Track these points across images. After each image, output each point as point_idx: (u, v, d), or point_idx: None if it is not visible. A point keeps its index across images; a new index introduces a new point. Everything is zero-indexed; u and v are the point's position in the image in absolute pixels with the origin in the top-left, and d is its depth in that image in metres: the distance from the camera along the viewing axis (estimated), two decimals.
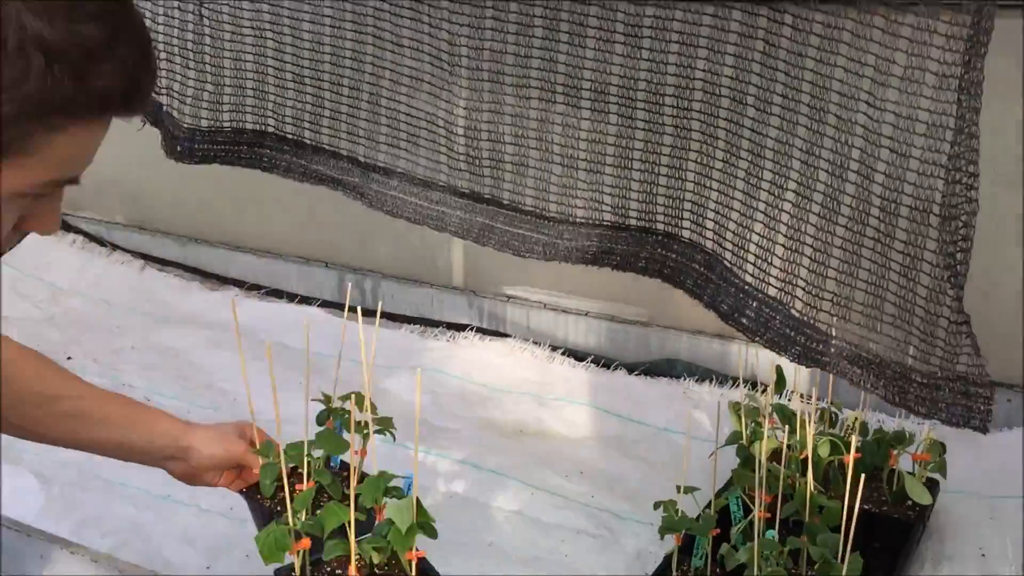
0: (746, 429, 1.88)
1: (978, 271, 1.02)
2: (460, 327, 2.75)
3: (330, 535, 1.21)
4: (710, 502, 1.76)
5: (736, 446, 1.86)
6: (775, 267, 1.02)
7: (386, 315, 2.77)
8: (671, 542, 1.71)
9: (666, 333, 2.51)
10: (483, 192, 1.18)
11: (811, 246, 0.99)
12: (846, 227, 0.96)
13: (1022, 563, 1.78)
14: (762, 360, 2.27)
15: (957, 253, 0.89)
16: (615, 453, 2.09)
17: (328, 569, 1.35)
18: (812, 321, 0.99)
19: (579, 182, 1.12)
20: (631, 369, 2.44)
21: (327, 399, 1.41)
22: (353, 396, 1.35)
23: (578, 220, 1.14)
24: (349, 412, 1.41)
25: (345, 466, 1.47)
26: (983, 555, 1.81)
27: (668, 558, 1.69)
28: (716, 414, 2.05)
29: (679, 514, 1.65)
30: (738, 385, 2.37)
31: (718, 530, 1.68)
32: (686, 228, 1.10)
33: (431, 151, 1.21)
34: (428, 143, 1.20)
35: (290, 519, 1.27)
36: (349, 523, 1.18)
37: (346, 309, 1.24)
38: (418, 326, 2.72)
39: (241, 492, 1.45)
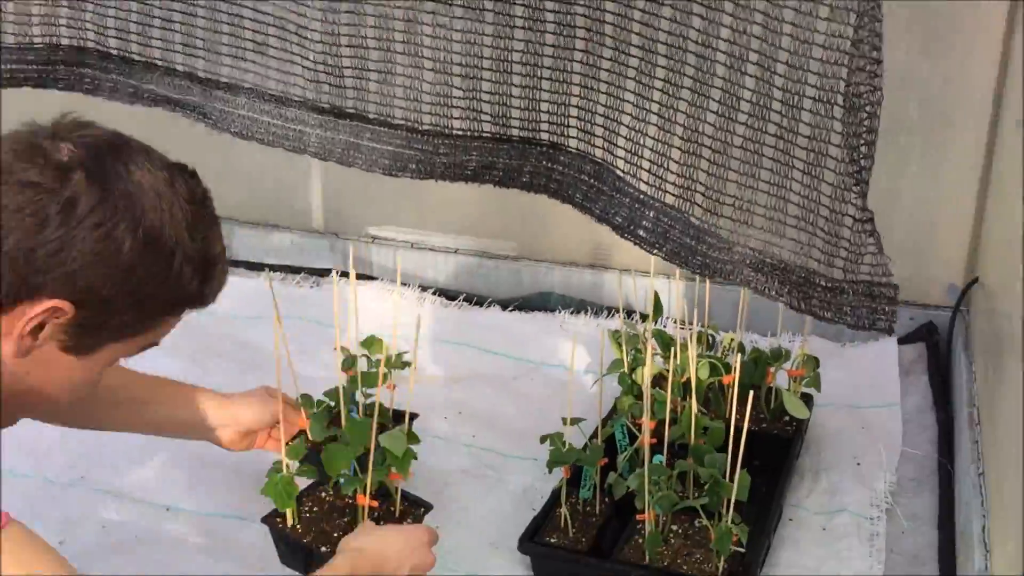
0: (627, 356, 1.85)
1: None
2: (323, 272, 2.62)
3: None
4: (595, 432, 1.73)
5: (618, 374, 1.84)
6: (672, 173, 0.96)
7: (243, 263, 2.61)
8: (557, 477, 1.67)
9: (538, 267, 2.47)
10: (346, 106, 1.07)
11: (710, 148, 0.93)
12: (747, 124, 0.91)
13: (895, 467, 1.83)
14: (637, 288, 2.25)
15: (862, 146, 0.85)
16: (493, 391, 2.04)
17: (308, 505, 1.59)
18: (713, 228, 0.94)
19: (454, 90, 1.03)
20: (505, 305, 2.38)
21: (345, 350, 1.67)
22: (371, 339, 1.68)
23: (455, 132, 1.04)
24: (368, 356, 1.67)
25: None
26: (858, 463, 1.85)
27: (556, 492, 1.65)
28: (593, 345, 2.02)
29: (566, 446, 1.61)
30: (612, 315, 2.35)
31: (605, 459, 1.65)
32: (573, 137, 1.02)
33: (283, 62, 1.08)
34: (279, 52, 1.07)
35: (284, 467, 1.50)
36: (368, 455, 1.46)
37: None
38: (278, 273, 2.58)
39: (287, 444, 1.56)
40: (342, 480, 1.48)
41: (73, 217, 0.98)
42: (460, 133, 1.04)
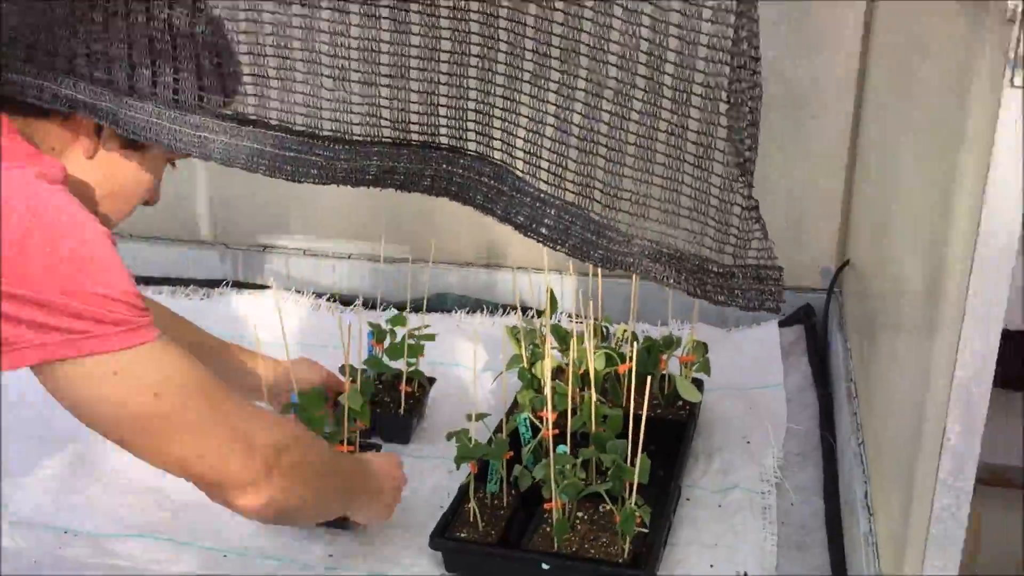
0: (526, 352, 1.89)
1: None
2: (214, 283, 2.58)
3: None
4: (499, 426, 1.77)
5: (518, 369, 1.87)
6: (571, 171, 1.00)
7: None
8: (463, 474, 1.70)
9: (433, 268, 2.49)
10: (248, 113, 1.07)
11: (605, 146, 0.98)
12: (639, 122, 0.96)
13: (782, 444, 1.92)
14: (532, 285, 2.29)
15: (746, 139, 0.91)
16: None
17: None
18: (612, 223, 0.99)
19: (353, 96, 1.04)
20: (400, 308, 2.40)
21: (375, 325, 1.96)
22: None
23: (355, 138, 1.06)
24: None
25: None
26: (748, 442, 1.94)
27: (464, 487, 1.68)
28: (490, 343, 2.06)
29: (472, 442, 1.64)
30: (508, 313, 2.39)
31: (511, 453, 1.68)
32: (472, 140, 1.05)
33: (184, 70, 1.08)
34: (181, 60, 1.07)
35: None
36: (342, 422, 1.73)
37: None
38: (166, 286, 2.52)
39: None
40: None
41: None
42: (360, 139, 1.06)
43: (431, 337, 1.94)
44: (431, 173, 1.06)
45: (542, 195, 1.02)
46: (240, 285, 2.48)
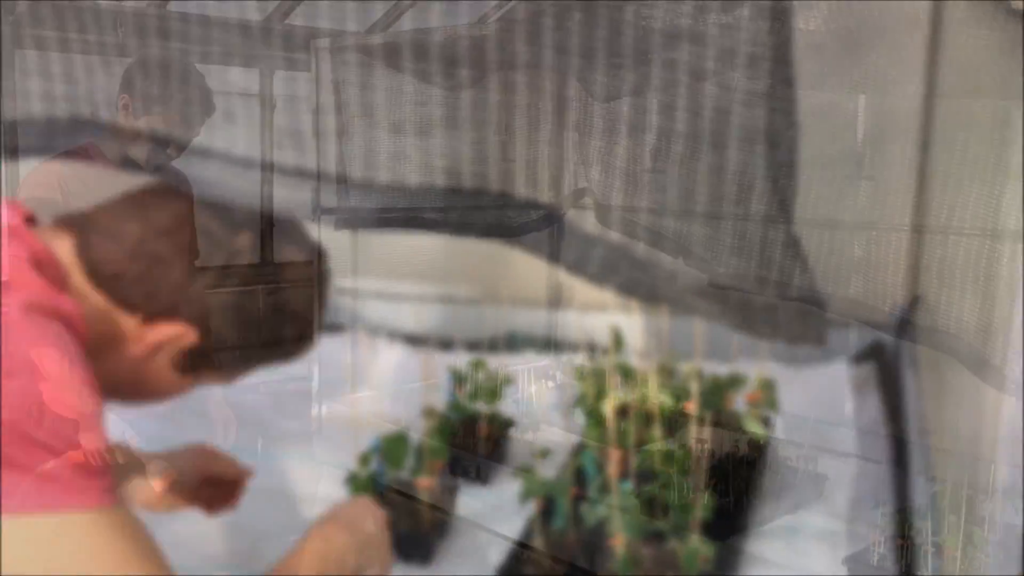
0: (591, 390, 1.92)
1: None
2: None
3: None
4: (565, 464, 1.79)
5: (584, 408, 1.90)
6: (615, 212, 1.04)
7: None
8: (531, 509, 1.73)
9: (501, 308, 2.53)
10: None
11: (648, 188, 1.02)
12: (680, 163, 1.00)
13: (853, 480, 1.90)
14: (598, 324, 2.32)
15: (782, 179, 0.94)
16: None
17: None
18: (656, 260, 1.02)
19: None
20: (471, 347, 2.44)
21: (456, 369, 2.02)
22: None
23: (410, 186, 1.12)
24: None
25: None
26: (818, 479, 1.91)
27: (530, 522, 1.70)
28: (560, 381, 2.09)
29: (538, 479, 1.66)
30: (575, 351, 2.42)
31: (576, 489, 1.71)
32: (521, 187, 1.10)
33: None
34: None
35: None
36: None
37: None
38: None
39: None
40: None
41: None
42: (415, 187, 1.12)
43: (510, 380, 1.99)
44: (482, 217, 1.11)
45: (589, 236, 1.06)
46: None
